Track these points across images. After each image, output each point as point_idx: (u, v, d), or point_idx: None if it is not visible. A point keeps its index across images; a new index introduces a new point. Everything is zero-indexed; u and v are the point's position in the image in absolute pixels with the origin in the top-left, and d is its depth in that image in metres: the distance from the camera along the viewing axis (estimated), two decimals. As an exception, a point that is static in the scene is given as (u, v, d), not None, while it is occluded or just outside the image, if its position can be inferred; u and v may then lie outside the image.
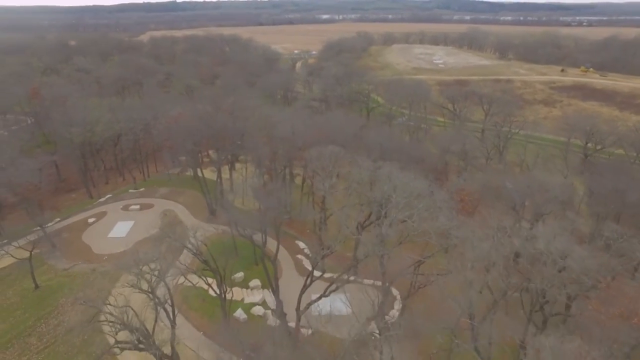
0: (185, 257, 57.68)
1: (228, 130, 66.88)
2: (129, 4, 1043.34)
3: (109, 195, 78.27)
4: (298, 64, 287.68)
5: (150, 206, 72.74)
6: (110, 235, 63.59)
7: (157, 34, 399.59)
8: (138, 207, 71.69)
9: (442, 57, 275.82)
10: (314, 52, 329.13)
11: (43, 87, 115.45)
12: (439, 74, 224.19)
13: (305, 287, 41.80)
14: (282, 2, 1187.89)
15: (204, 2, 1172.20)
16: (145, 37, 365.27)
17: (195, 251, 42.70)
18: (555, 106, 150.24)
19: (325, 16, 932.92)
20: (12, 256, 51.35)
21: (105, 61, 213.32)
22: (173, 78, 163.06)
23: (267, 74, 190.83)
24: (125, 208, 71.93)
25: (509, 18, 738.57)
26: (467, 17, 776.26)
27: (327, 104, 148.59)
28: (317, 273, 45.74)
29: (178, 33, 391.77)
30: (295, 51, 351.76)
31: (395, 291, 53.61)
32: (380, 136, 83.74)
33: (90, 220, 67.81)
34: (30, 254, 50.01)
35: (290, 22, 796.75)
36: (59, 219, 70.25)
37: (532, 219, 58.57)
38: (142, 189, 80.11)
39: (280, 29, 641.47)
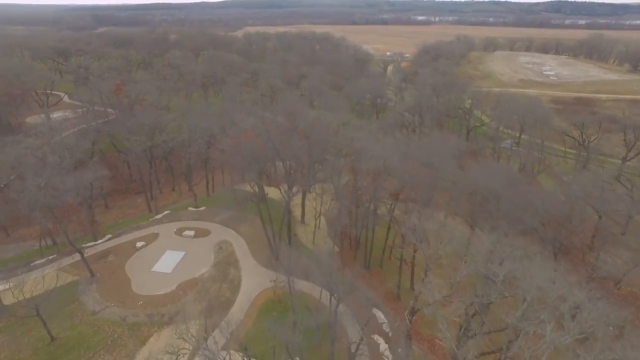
0: (233, 317, 45.78)
1: (302, 159, 54.40)
2: (231, 1, 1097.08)
3: (166, 212, 70.03)
4: (390, 67, 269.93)
5: (206, 233, 62.70)
6: (155, 268, 54.20)
7: (252, 29, 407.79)
8: (192, 233, 61.98)
9: (554, 68, 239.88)
10: (407, 55, 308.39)
11: (128, 82, 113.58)
12: (552, 89, 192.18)
13: None
14: (378, 1, 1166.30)
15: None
16: (240, 33, 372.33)
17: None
18: None
19: (420, 17, 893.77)
20: None
21: (198, 56, 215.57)
22: (258, 77, 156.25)
23: (356, 78, 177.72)
24: (179, 233, 62.65)
25: (639, 22, 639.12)
26: (582, 22, 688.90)
27: (421, 117, 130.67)
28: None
29: (271, 30, 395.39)
30: (388, 53, 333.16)
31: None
32: (489, 174, 64.92)
33: (139, 244, 59.36)
34: (38, 311, 40.52)
35: (385, 22, 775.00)
36: (110, 236, 63.21)
37: None
38: (202, 208, 70.70)
39: (373, 28, 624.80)
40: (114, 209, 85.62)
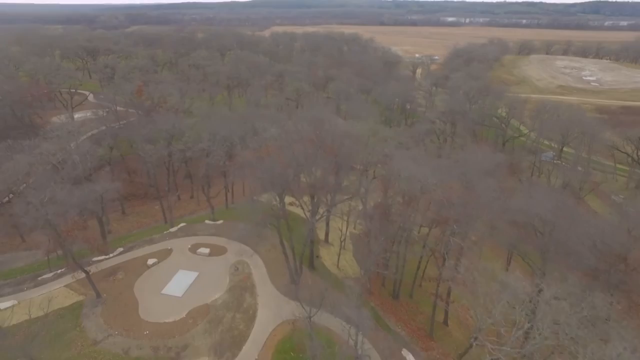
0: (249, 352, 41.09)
1: (328, 179, 49.23)
2: (260, 0, 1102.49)
3: (182, 224, 65.92)
4: (419, 70, 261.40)
5: (222, 251, 58.25)
6: (165, 290, 49.97)
7: (279, 29, 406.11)
8: (207, 251, 57.62)
9: (595, 73, 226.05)
10: (436, 57, 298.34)
11: (152, 83, 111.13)
12: (595, 96, 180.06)
13: None
14: (407, 2, 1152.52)
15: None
16: (267, 33, 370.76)
17: None
18: None
19: (450, 19, 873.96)
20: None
21: (224, 56, 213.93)
22: (284, 79, 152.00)
23: (384, 81, 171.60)
24: (193, 249, 58.44)
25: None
26: (624, 23, 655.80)
27: (453, 125, 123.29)
28: None
29: (299, 29, 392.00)
30: (417, 55, 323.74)
31: None
32: (535, 197, 57.71)
33: (150, 261, 55.39)
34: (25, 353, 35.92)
35: (414, 23, 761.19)
36: (121, 249, 59.65)
37: None
38: (220, 222, 66.36)
39: (402, 30, 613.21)
40: (131, 216, 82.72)
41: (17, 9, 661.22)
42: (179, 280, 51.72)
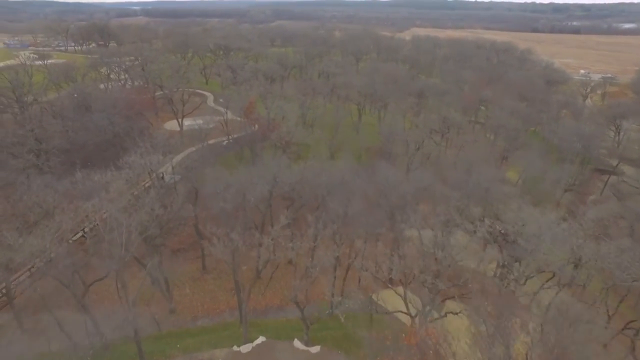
0: None
1: None
2: (401, 0, 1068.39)
3: (259, 340, 43.42)
4: (589, 96, 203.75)
5: None
6: None
7: (420, 31, 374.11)
8: None
9: None
10: (609, 75, 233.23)
11: (269, 95, 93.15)
12: None
13: None
14: (567, 6, 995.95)
15: (475, 2, 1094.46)
16: (407, 34, 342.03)
17: None
18: None
19: (627, 25, 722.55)
20: None
21: (360, 61, 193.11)
22: (426, 100, 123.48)
23: (552, 109, 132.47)
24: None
25: None
26: None
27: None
28: None
29: (441, 33, 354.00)
30: (582, 71, 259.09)
31: None
32: None
33: None
34: None
35: (576, 30, 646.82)
36: (171, 370, 39.94)
37: None
38: (316, 348, 42.29)
39: (559, 38, 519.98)
40: (210, 276, 63.92)
41: (184, 5, 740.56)
42: None
